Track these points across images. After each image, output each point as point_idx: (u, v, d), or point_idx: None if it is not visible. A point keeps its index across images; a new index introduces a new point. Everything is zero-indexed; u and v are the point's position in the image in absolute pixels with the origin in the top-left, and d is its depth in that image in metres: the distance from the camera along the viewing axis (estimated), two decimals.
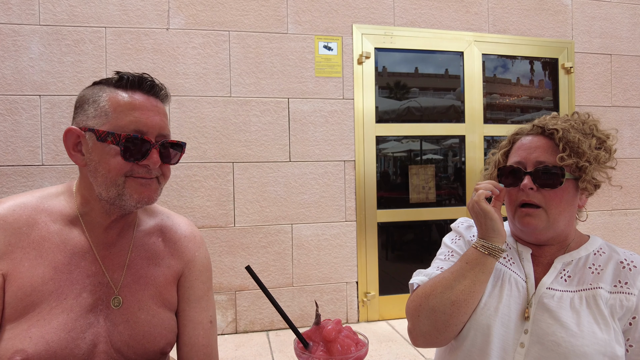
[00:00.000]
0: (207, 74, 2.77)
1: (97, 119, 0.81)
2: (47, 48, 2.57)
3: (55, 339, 0.77)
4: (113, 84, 0.83)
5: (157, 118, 0.84)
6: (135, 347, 0.85)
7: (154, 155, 0.81)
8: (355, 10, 2.98)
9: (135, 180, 0.82)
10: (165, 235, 0.97)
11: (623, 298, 0.84)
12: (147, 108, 0.83)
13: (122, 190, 0.81)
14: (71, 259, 0.83)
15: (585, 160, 0.85)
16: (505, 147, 0.99)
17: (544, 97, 3.44)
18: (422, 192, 3.21)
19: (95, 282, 0.84)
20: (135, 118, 0.80)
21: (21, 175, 2.55)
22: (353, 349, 0.74)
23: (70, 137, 0.84)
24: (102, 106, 0.81)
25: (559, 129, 0.88)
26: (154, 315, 0.89)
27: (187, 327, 0.95)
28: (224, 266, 2.79)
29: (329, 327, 0.75)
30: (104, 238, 0.87)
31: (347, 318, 2.98)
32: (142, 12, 2.68)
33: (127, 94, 0.82)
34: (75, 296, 0.81)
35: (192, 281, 0.97)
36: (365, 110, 3.00)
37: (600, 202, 3.41)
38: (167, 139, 0.86)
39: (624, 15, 3.44)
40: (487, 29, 3.20)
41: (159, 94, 0.88)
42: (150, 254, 0.93)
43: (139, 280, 0.89)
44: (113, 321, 0.84)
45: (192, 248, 0.99)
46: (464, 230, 1.06)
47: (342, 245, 2.97)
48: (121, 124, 0.80)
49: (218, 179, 2.79)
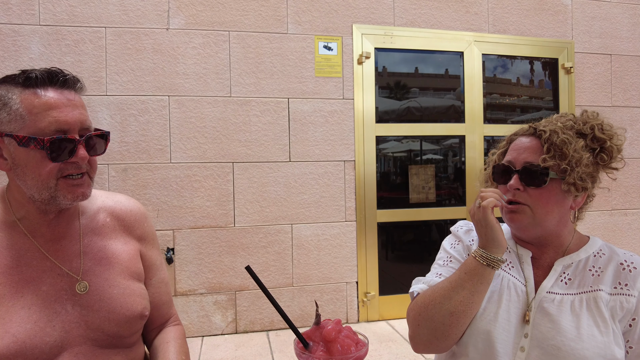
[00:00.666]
0: (207, 74, 2.77)
1: (12, 123, 0.78)
2: (47, 48, 2.57)
3: (21, 330, 0.78)
4: (21, 84, 0.79)
5: (76, 112, 0.82)
6: (116, 320, 0.89)
7: (80, 151, 0.81)
8: (355, 10, 2.98)
9: (67, 181, 0.82)
10: (112, 215, 1.00)
11: (623, 300, 0.84)
12: (64, 104, 0.81)
13: (54, 193, 0.81)
14: (19, 261, 0.84)
15: (567, 163, 0.86)
16: (503, 147, 1.01)
17: (544, 97, 3.44)
18: (422, 192, 3.21)
19: (54, 274, 0.86)
20: (54, 118, 0.78)
21: None
22: (353, 349, 0.74)
23: None
24: (16, 109, 0.78)
25: (547, 130, 0.89)
26: (126, 287, 0.93)
27: (152, 289, 1.03)
28: (224, 266, 2.79)
29: (329, 327, 0.75)
30: (50, 235, 0.88)
31: (347, 318, 2.98)
32: (142, 12, 2.68)
33: (39, 93, 0.79)
34: (33, 291, 0.83)
35: (150, 251, 1.05)
36: (365, 110, 3.00)
37: (600, 202, 3.41)
38: (90, 131, 0.85)
39: (624, 15, 3.44)
40: (487, 29, 3.20)
41: (74, 87, 0.85)
42: (103, 236, 0.96)
43: (100, 262, 0.92)
44: (84, 305, 0.87)
45: (141, 221, 1.04)
46: (463, 235, 1.07)
47: (342, 245, 2.97)
48: (41, 127, 0.78)
49: (218, 179, 2.79)
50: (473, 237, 1.04)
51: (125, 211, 1.02)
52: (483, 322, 0.89)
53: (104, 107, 2.63)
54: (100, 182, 2.62)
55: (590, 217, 3.40)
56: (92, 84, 2.62)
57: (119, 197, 1.04)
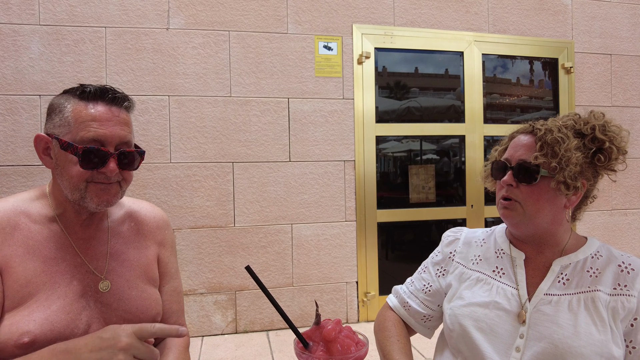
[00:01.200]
0: (207, 73, 2.77)
1: (61, 127, 0.88)
2: (47, 48, 2.57)
3: (58, 320, 0.85)
4: (77, 95, 0.89)
5: (117, 128, 0.89)
6: (131, 320, 0.94)
7: (110, 164, 0.88)
8: (355, 10, 2.98)
9: (96, 185, 0.89)
10: (136, 221, 1.07)
11: (624, 300, 0.84)
12: (108, 119, 0.88)
13: (84, 194, 0.89)
14: (57, 253, 0.91)
15: (557, 162, 0.87)
16: (505, 144, 1.03)
17: (544, 97, 3.44)
18: (422, 192, 3.21)
19: (82, 271, 0.93)
20: (94, 130, 0.87)
21: (21, 175, 2.55)
22: (353, 349, 0.74)
23: (39, 143, 0.91)
24: (66, 117, 0.88)
25: (542, 129, 0.91)
26: (143, 290, 1.00)
27: (164, 297, 1.08)
28: (224, 266, 2.79)
29: (329, 327, 0.75)
30: (82, 234, 0.96)
31: (347, 318, 2.98)
32: (142, 12, 2.68)
33: (89, 106, 0.88)
34: (66, 284, 0.89)
35: (168, 257, 1.11)
36: (365, 110, 3.00)
37: (600, 202, 3.41)
38: (127, 147, 0.92)
39: (624, 15, 3.44)
40: (487, 29, 3.20)
41: (121, 105, 0.92)
42: (127, 239, 1.03)
43: (123, 263, 0.99)
44: (104, 302, 0.93)
45: (163, 228, 1.11)
46: (445, 246, 1.11)
47: (342, 245, 2.97)
48: (81, 135, 0.86)
49: (218, 178, 2.78)
50: (455, 248, 1.08)
51: (148, 217, 1.09)
52: (476, 328, 0.91)
53: None
54: None
55: (590, 217, 3.40)
56: (92, 83, 2.62)
57: (144, 204, 1.12)
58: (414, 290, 1.10)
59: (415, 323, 1.08)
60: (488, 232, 1.09)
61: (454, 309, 0.97)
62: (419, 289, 1.09)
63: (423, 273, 1.11)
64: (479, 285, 0.98)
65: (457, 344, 0.95)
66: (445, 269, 1.07)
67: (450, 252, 1.08)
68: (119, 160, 0.89)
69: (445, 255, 1.09)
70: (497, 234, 1.05)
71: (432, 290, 1.07)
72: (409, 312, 1.09)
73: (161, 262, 1.09)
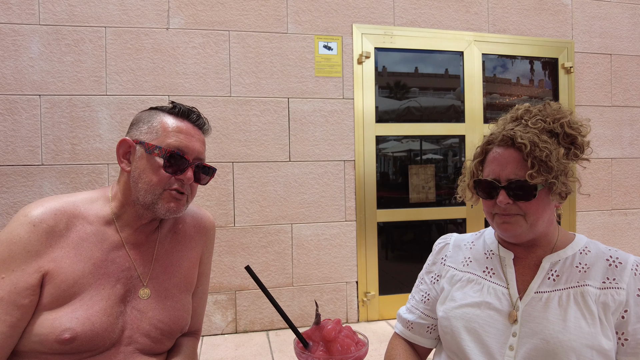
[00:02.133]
0: (207, 73, 2.77)
1: (148, 134, 0.96)
2: (47, 48, 2.57)
3: (99, 321, 0.88)
4: (167, 111, 0.98)
5: (197, 144, 0.98)
6: (162, 329, 0.98)
7: (189, 172, 0.95)
8: (355, 10, 2.97)
9: (170, 193, 0.95)
10: (185, 222, 1.10)
11: (614, 293, 0.85)
12: (191, 134, 0.97)
13: (157, 199, 0.94)
14: (108, 255, 0.94)
15: (554, 177, 0.86)
16: (479, 157, 0.99)
17: (543, 97, 3.44)
18: (422, 192, 3.21)
19: (128, 275, 0.96)
20: (179, 139, 0.95)
21: (21, 175, 2.55)
22: (353, 349, 0.74)
23: (123, 146, 0.97)
24: (155, 126, 0.96)
25: (527, 144, 0.87)
26: (178, 301, 1.03)
27: (195, 297, 1.11)
28: (224, 266, 2.79)
29: (329, 327, 0.75)
30: (134, 238, 0.99)
31: (347, 318, 2.98)
32: (142, 12, 2.68)
33: (176, 120, 0.97)
34: (111, 286, 0.93)
35: (207, 258, 1.15)
36: (365, 110, 3.00)
37: (600, 202, 3.41)
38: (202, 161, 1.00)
39: (624, 15, 3.44)
40: (487, 28, 3.20)
41: (202, 127, 1.02)
42: (173, 243, 1.06)
43: (165, 270, 1.02)
44: (140, 309, 0.96)
45: (208, 229, 1.14)
46: (436, 255, 1.11)
47: (342, 245, 2.97)
48: (167, 142, 0.94)
49: (218, 178, 2.78)
50: (445, 254, 1.08)
51: (196, 219, 1.13)
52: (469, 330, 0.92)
53: (104, 106, 2.63)
54: (100, 181, 2.62)
55: (590, 217, 3.40)
56: (92, 83, 2.62)
57: (191, 207, 1.14)
58: (414, 304, 1.10)
59: (422, 339, 1.08)
60: (477, 235, 1.10)
61: (447, 311, 0.98)
62: (418, 301, 1.09)
63: (420, 285, 1.11)
64: (469, 285, 0.99)
65: (451, 346, 0.96)
66: (438, 274, 1.08)
67: (442, 258, 1.09)
68: (194, 171, 0.97)
69: (437, 261, 1.09)
70: (486, 235, 1.06)
71: (431, 299, 1.07)
72: (413, 331, 1.08)
73: (202, 263, 1.12)
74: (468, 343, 0.92)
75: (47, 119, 2.57)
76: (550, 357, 0.83)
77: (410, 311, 1.10)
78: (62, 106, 2.59)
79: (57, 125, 2.59)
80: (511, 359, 0.87)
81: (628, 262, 0.88)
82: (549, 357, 0.83)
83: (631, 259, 0.89)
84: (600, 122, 3.39)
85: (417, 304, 1.09)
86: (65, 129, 2.59)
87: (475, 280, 0.99)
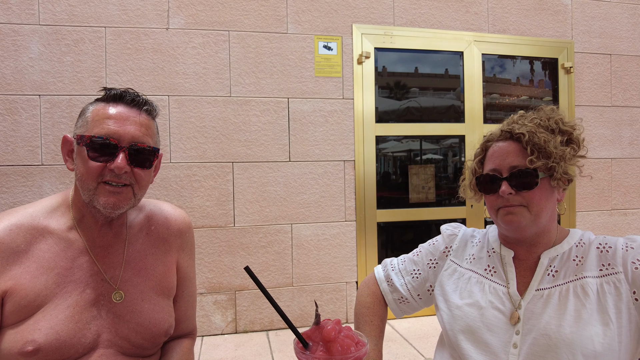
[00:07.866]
0: (206, 73, 2.77)
1: (81, 127, 0.89)
2: (47, 48, 2.57)
3: (65, 329, 0.85)
4: (100, 98, 0.91)
5: (132, 128, 0.88)
6: (142, 333, 0.94)
7: (118, 158, 0.85)
8: (355, 10, 2.98)
9: (105, 186, 0.87)
10: (156, 224, 1.03)
11: (614, 279, 0.86)
12: (124, 118, 0.88)
13: (93, 195, 0.87)
14: (73, 262, 0.90)
15: (553, 161, 0.89)
16: (480, 155, 1.01)
17: (543, 97, 3.44)
18: (422, 192, 3.21)
19: (98, 279, 0.92)
20: (107, 126, 0.86)
21: (21, 175, 2.55)
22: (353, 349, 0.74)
23: (65, 145, 0.93)
24: (87, 116, 0.89)
25: (525, 133, 0.91)
26: (156, 303, 0.98)
27: (180, 302, 1.07)
28: (223, 266, 2.79)
29: (328, 327, 0.75)
30: (100, 241, 0.94)
31: (347, 318, 2.98)
32: (142, 12, 2.68)
33: (108, 106, 0.89)
34: (79, 292, 0.89)
35: (187, 262, 1.08)
36: (365, 110, 3.00)
37: (600, 202, 3.42)
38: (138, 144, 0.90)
39: (624, 15, 3.44)
40: (487, 28, 3.20)
41: (141, 108, 0.92)
42: (145, 246, 1.00)
43: (139, 273, 0.97)
44: (117, 314, 0.92)
45: (184, 232, 1.07)
46: (443, 240, 1.13)
47: (342, 245, 2.97)
48: (95, 132, 0.86)
49: (218, 178, 2.78)
50: (451, 245, 1.10)
51: (170, 220, 1.06)
52: (472, 328, 0.93)
53: None
54: None
55: (591, 217, 3.40)
56: (92, 83, 2.62)
57: (165, 206, 1.08)
58: (403, 269, 1.13)
59: (392, 299, 1.12)
60: (483, 232, 1.11)
61: (452, 309, 0.98)
62: (408, 271, 1.12)
63: (416, 256, 1.13)
64: (471, 284, 0.99)
65: (452, 345, 0.97)
66: (438, 263, 1.09)
67: (446, 247, 1.10)
68: (130, 156, 0.87)
69: (441, 249, 1.10)
70: (490, 233, 1.07)
71: (420, 278, 1.09)
72: (390, 287, 1.12)
73: (180, 267, 1.06)
74: (465, 344, 0.93)
75: (47, 119, 2.57)
76: (553, 351, 0.84)
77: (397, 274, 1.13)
78: (61, 106, 2.59)
79: (57, 125, 2.59)
80: (515, 356, 0.88)
81: (617, 244, 0.89)
82: (551, 352, 0.84)
83: (620, 241, 0.90)
84: (600, 122, 3.39)
85: (405, 272, 1.12)
86: (65, 129, 2.59)
87: (477, 279, 0.99)
